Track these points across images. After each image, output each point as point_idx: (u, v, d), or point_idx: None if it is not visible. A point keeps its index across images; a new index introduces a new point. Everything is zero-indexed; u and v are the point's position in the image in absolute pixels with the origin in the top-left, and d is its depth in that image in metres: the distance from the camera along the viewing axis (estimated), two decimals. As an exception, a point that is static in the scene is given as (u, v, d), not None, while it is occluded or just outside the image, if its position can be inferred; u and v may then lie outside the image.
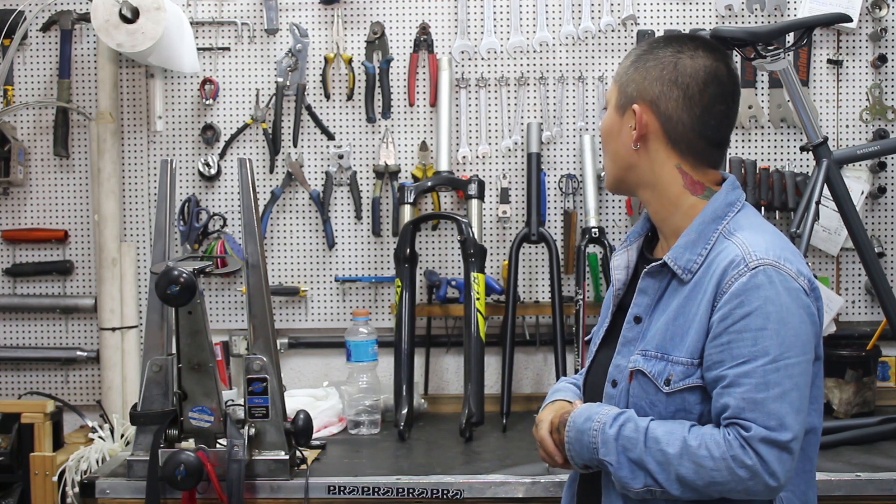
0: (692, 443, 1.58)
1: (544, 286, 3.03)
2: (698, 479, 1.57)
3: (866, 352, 2.79)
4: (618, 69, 1.79)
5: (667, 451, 1.59)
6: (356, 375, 2.85)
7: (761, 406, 1.56)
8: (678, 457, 1.58)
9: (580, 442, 1.68)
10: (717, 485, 1.57)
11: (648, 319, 1.71)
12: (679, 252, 1.69)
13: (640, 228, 1.85)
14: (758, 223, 1.71)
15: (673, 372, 1.65)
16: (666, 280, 1.71)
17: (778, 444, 1.55)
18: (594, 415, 1.68)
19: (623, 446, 1.62)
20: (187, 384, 2.31)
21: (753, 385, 1.56)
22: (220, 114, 3.05)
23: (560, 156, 3.04)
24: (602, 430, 1.65)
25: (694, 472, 1.57)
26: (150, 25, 2.71)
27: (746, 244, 1.63)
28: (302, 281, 3.07)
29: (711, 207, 1.70)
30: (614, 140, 1.77)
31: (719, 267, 1.63)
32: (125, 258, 2.99)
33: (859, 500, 2.28)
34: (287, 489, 2.31)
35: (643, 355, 1.68)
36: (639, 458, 1.61)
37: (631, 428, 1.63)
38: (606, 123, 1.79)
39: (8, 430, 2.77)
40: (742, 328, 1.58)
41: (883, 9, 2.96)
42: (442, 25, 3.03)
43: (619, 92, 1.76)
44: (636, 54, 1.76)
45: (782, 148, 3.01)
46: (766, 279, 1.59)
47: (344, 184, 3.04)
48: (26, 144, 3.06)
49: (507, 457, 2.48)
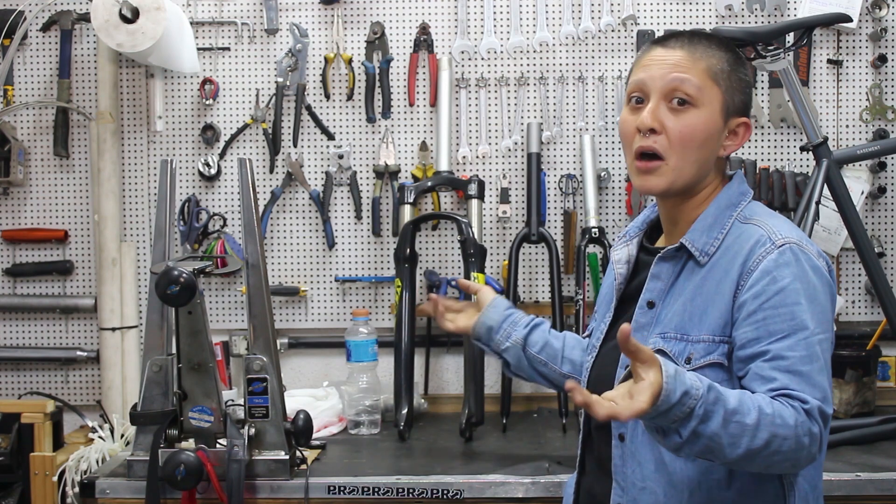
0: (767, 410, 1.51)
1: (544, 286, 3.03)
2: (765, 449, 1.50)
3: (866, 352, 2.79)
4: (707, 63, 1.68)
5: (744, 423, 1.48)
6: (356, 375, 2.85)
7: (808, 379, 1.56)
8: (754, 427, 1.48)
9: (664, 414, 1.45)
10: (778, 454, 1.51)
11: (662, 304, 1.71)
12: (696, 235, 1.70)
13: (639, 223, 1.86)
14: (771, 212, 1.76)
15: (693, 350, 1.65)
16: (680, 264, 1.72)
17: (826, 415, 1.56)
18: (691, 388, 1.46)
19: (701, 419, 1.46)
20: (187, 384, 2.31)
21: (799, 358, 1.57)
22: (220, 114, 3.05)
23: (560, 156, 3.04)
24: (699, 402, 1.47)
25: (765, 442, 1.49)
26: (150, 25, 2.71)
27: (769, 225, 1.67)
28: (302, 281, 3.07)
29: (726, 195, 1.73)
30: (710, 145, 1.70)
31: (744, 247, 1.65)
32: (125, 258, 2.99)
33: (859, 500, 2.28)
34: (287, 489, 2.31)
35: (662, 337, 1.68)
36: (714, 431, 1.46)
37: (712, 399, 1.47)
38: (707, 125, 1.68)
39: (8, 430, 2.76)
40: (777, 303, 1.59)
41: (883, 9, 2.96)
42: (442, 25, 3.03)
43: (725, 97, 1.70)
44: (728, 58, 1.71)
45: (782, 148, 3.01)
46: (793, 257, 1.63)
47: (344, 184, 3.04)
48: (26, 144, 3.06)
49: (507, 457, 2.48)
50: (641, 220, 1.87)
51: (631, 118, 1.72)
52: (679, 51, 1.69)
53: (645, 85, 1.70)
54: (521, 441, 2.65)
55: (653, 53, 1.72)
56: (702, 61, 1.69)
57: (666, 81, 1.68)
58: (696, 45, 1.71)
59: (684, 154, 1.68)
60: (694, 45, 1.70)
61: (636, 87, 1.72)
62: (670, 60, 1.69)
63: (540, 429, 2.78)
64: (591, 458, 1.84)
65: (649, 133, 1.68)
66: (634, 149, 1.71)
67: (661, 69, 1.68)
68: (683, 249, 1.71)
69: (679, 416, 1.44)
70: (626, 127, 1.73)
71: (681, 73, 1.67)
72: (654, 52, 1.72)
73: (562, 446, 2.58)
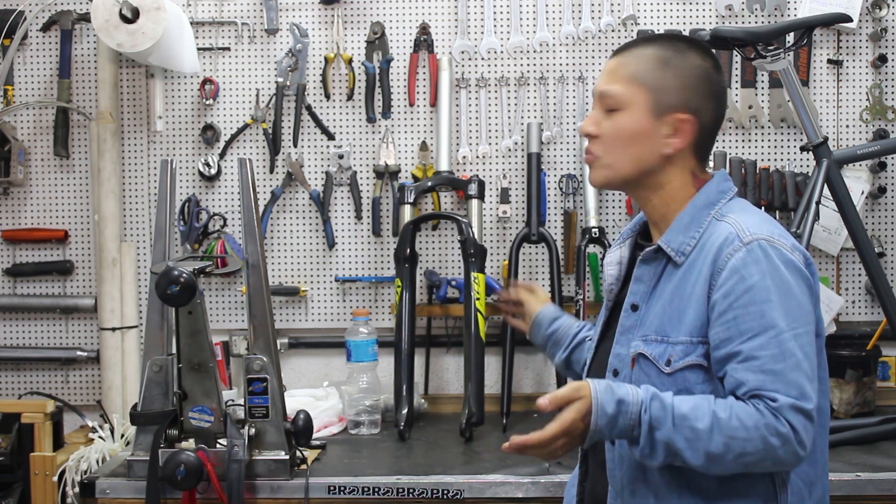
0: (722, 415, 1.55)
1: (544, 286, 3.02)
2: (728, 453, 1.55)
3: (866, 352, 2.79)
4: (633, 67, 1.74)
5: (696, 427, 1.55)
6: (356, 375, 2.85)
7: (781, 376, 1.57)
8: (708, 432, 1.55)
9: (611, 425, 1.59)
10: (747, 456, 1.55)
11: (645, 306, 1.72)
12: (672, 235, 1.71)
13: (633, 226, 1.87)
14: (750, 208, 1.76)
15: (673, 353, 1.66)
16: (661, 266, 1.72)
17: (803, 411, 1.56)
18: (626, 396, 1.59)
19: (650, 425, 1.57)
20: (187, 384, 2.31)
21: (770, 356, 1.57)
22: (220, 114, 3.05)
23: (560, 156, 3.04)
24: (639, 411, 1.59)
25: (724, 445, 1.54)
26: (150, 25, 2.71)
27: (739, 222, 1.67)
28: (302, 281, 3.07)
29: (704, 194, 1.74)
30: (641, 143, 1.73)
31: (714, 245, 1.66)
32: (125, 258, 2.99)
33: (859, 500, 2.28)
34: (287, 489, 2.31)
35: (643, 340, 1.70)
36: (667, 437, 1.56)
37: (657, 406, 1.58)
38: (632, 125, 1.73)
39: (8, 430, 2.77)
40: (747, 302, 1.60)
41: (883, 9, 2.96)
42: (442, 25, 3.03)
43: (653, 96, 1.72)
44: (658, 56, 1.73)
45: (782, 148, 3.01)
46: (762, 253, 1.62)
47: (344, 184, 3.04)
48: (26, 144, 3.06)
49: (507, 457, 2.47)
50: (636, 221, 1.88)
51: None
52: (614, 59, 1.79)
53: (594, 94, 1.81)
54: (521, 441, 2.65)
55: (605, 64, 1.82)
56: (628, 66, 1.75)
57: (598, 90, 1.79)
58: (631, 50, 1.77)
59: (613, 151, 1.75)
60: (628, 51, 1.78)
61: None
62: (606, 70, 1.79)
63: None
64: (594, 461, 1.84)
65: (588, 137, 1.79)
66: None
67: (600, 79, 1.80)
68: (661, 251, 1.72)
69: (628, 423, 1.57)
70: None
71: (609, 81, 1.77)
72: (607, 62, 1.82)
73: (562, 446, 2.58)
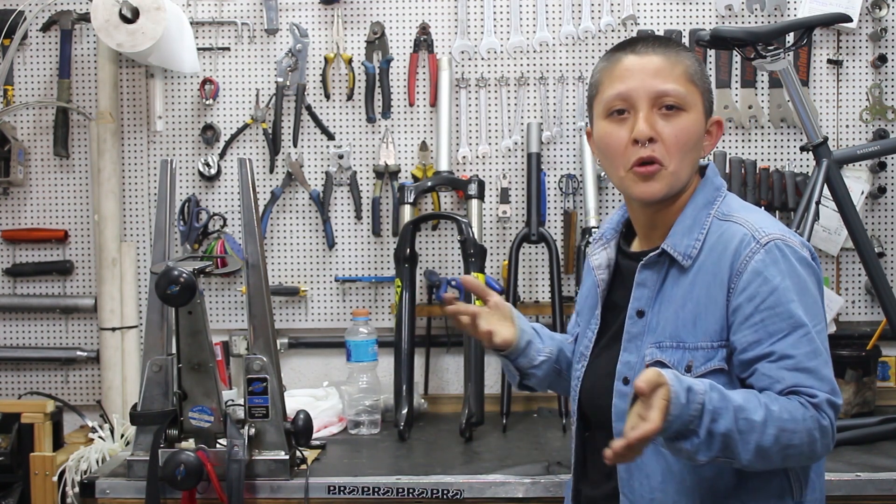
0: (773, 407, 1.53)
1: (544, 286, 3.03)
2: (776, 445, 1.52)
3: (866, 352, 2.79)
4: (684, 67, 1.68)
5: (752, 419, 1.50)
6: (356, 375, 2.85)
7: (815, 373, 1.57)
8: (762, 424, 1.50)
9: (678, 417, 1.46)
10: (792, 448, 1.54)
11: (651, 311, 1.69)
12: (677, 239, 1.69)
13: (615, 225, 1.84)
14: (748, 206, 1.76)
15: (692, 358, 1.64)
16: (664, 269, 1.70)
17: (836, 406, 1.58)
18: (693, 385, 1.48)
19: (713, 416, 1.48)
20: (187, 384, 2.31)
21: (804, 354, 1.58)
22: (220, 114, 3.05)
23: (560, 156, 3.04)
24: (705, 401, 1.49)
25: (775, 438, 1.51)
26: (150, 25, 2.71)
27: (750, 223, 1.66)
28: (302, 281, 3.07)
29: (702, 193, 1.72)
30: (698, 147, 1.70)
31: (729, 247, 1.64)
32: (125, 258, 2.99)
33: (859, 500, 2.28)
34: (287, 489, 2.31)
35: (658, 347, 1.67)
36: (727, 428, 1.48)
37: (717, 397, 1.49)
38: (697, 128, 1.68)
39: (8, 430, 2.77)
40: (773, 304, 1.60)
41: (883, 9, 2.96)
42: (442, 25, 3.03)
43: (705, 97, 1.71)
44: (694, 56, 1.72)
45: (782, 148, 3.01)
46: (780, 254, 1.62)
47: (344, 184, 3.04)
48: (26, 144, 3.06)
49: (507, 457, 2.48)
50: (616, 220, 1.84)
51: (618, 130, 1.68)
52: (654, 56, 1.67)
53: (629, 96, 1.66)
54: (521, 441, 2.65)
55: (626, 63, 1.68)
56: (679, 65, 1.67)
57: (652, 89, 1.65)
58: (667, 48, 1.69)
59: (682, 158, 1.67)
60: (666, 49, 1.68)
61: (618, 99, 1.67)
62: (650, 67, 1.66)
63: (540, 429, 2.78)
64: (594, 469, 1.81)
65: (648, 142, 1.65)
66: (632, 160, 1.67)
67: (643, 78, 1.66)
68: (665, 255, 1.69)
69: (692, 414, 1.46)
70: (615, 140, 1.68)
71: (665, 79, 1.65)
72: (626, 61, 1.68)
73: (562, 446, 2.58)
